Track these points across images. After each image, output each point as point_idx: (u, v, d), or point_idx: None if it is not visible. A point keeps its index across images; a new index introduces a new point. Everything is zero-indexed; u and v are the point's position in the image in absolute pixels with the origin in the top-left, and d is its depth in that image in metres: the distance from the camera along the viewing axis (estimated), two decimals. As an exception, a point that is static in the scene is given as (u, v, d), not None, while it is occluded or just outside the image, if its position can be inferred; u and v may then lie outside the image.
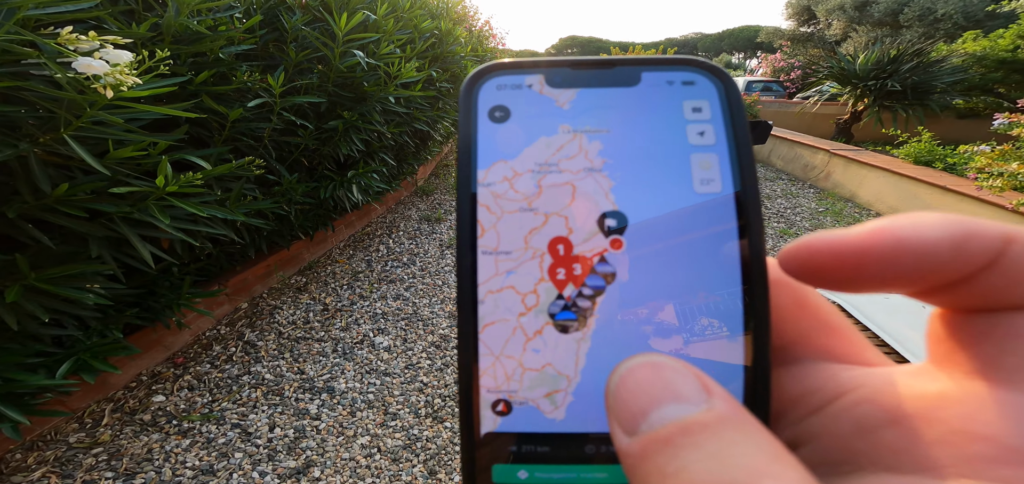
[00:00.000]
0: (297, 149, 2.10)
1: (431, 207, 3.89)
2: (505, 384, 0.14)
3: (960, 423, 0.10)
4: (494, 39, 6.01)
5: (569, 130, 0.15)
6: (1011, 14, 11.94)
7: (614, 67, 0.16)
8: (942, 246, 0.10)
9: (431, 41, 2.78)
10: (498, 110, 0.16)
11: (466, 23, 4.61)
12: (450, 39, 3.12)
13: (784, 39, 16.54)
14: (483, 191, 0.15)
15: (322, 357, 2.09)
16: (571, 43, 38.95)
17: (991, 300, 0.11)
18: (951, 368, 0.11)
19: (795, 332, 0.14)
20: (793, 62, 15.31)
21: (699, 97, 0.15)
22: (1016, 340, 0.10)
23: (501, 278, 0.14)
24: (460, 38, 3.31)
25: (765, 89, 11.45)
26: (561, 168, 0.15)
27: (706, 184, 0.14)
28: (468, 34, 4.41)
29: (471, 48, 3.59)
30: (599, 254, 0.14)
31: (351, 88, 2.18)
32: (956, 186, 3.08)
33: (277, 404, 1.81)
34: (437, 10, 3.25)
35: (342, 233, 3.22)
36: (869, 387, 0.12)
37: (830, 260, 0.12)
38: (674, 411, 0.11)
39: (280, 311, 2.41)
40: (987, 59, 5.62)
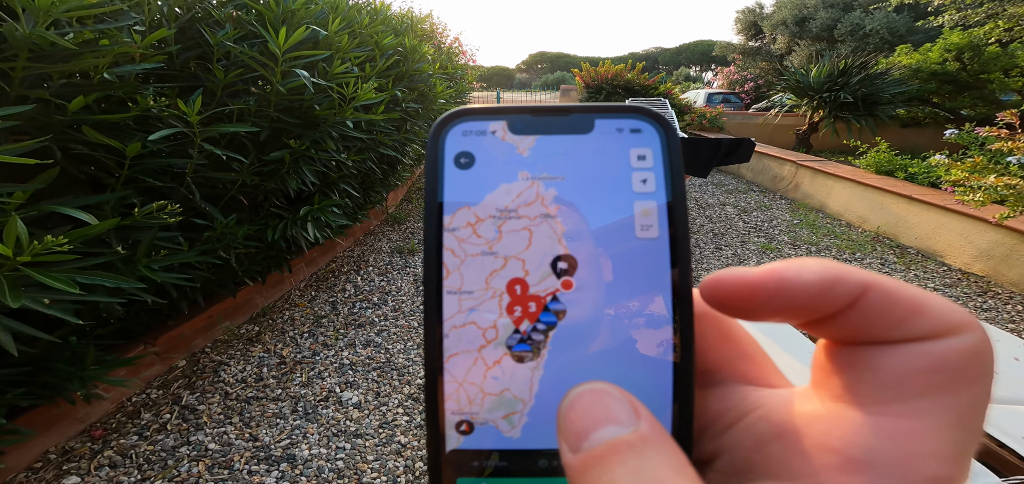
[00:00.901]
0: (233, 186, 1.73)
1: (403, 237, 3.54)
2: (468, 407, 0.15)
3: (821, 438, 0.12)
4: (464, 56, 5.77)
5: (527, 177, 0.16)
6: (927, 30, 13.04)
7: (570, 115, 0.17)
8: (814, 287, 0.12)
9: (394, 59, 2.48)
10: (463, 156, 0.16)
11: (434, 40, 4.34)
12: (416, 56, 2.83)
13: (736, 53, 17.30)
14: (448, 236, 0.16)
15: (279, 419, 1.71)
16: (540, 59, 39.45)
17: (854, 335, 0.12)
18: (823, 391, 0.13)
19: (719, 358, 0.16)
20: (746, 74, 16.02)
21: (644, 145, 0.16)
22: (867, 370, 0.12)
23: (464, 315, 0.15)
24: (427, 55, 3.02)
25: (725, 101, 11.82)
26: (519, 214, 0.16)
27: (645, 230, 0.15)
28: (436, 51, 4.14)
29: (440, 66, 3.31)
30: (552, 293, 0.15)
31: (298, 113, 1.85)
32: (931, 199, 3.07)
33: (225, 480, 1.44)
34: (401, 26, 2.96)
35: (302, 272, 2.83)
36: (766, 407, 0.14)
37: (733, 292, 0.13)
38: (609, 432, 0.12)
39: (226, 367, 2.00)
40: (921, 71, 5.94)
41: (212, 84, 1.49)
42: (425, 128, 3.54)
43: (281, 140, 1.78)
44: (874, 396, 0.12)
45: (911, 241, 3.20)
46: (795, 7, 15.11)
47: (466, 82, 5.49)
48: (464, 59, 5.80)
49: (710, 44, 30.67)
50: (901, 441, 0.11)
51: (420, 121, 3.20)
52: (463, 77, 5.25)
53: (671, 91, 6.20)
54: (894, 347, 0.12)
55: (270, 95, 1.63)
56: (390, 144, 2.67)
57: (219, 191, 1.77)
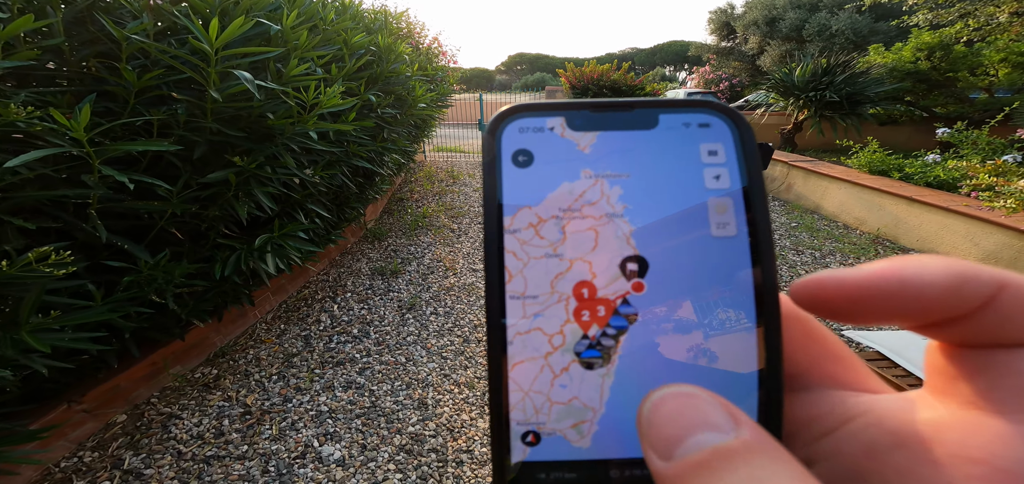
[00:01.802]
0: (161, 217, 1.37)
1: (385, 255, 3.18)
2: (534, 416, 0.14)
3: (959, 448, 0.11)
4: (444, 57, 5.42)
5: (591, 175, 0.15)
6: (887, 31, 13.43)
7: (633, 109, 0.16)
8: (942, 287, 0.11)
9: (366, 59, 2.14)
10: (521, 154, 0.16)
11: (411, 39, 3.99)
12: (392, 56, 2.50)
13: (711, 53, 17.49)
14: (510, 238, 0.15)
15: (247, 482, 1.40)
16: (520, 60, 39.22)
17: (985, 337, 0.11)
18: (948, 398, 0.12)
19: (805, 361, 0.15)
20: (721, 74, 16.19)
21: (715, 140, 0.15)
22: (1007, 375, 0.11)
23: (529, 320, 0.14)
24: (404, 55, 2.68)
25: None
26: (583, 214, 0.15)
27: (722, 228, 0.14)
28: (413, 51, 3.80)
29: (419, 67, 2.98)
30: (622, 297, 0.14)
31: (245, 124, 1.49)
32: (932, 200, 2.95)
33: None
34: (373, 24, 2.61)
35: (268, 302, 2.45)
36: (875, 413, 0.13)
37: (838, 295, 0.12)
38: (708, 438, 0.11)
39: (179, 421, 1.65)
40: (897, 70, 5.98)
41: (120, 90, 1.13)
42: (404, 135, 3.19)
43: (223, 157, 1.43)
44: (1016, 403, 0.10)
45: (912, 243, 3.08)
46: (765, 8, 15.35)
47: (448, 84, 5.15)
48: (444, 60, 5.45)
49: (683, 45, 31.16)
50: None
51: (398, 128, 2.86)
52: (444, 79, 4.91)
53: (657, 91, 6.03)
54: None
55: (205, 103, 1.28)
56: (364, 155, 2.33)
57: (146, 223, 1.41)
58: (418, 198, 4.56)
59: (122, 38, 1.08)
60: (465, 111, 9.17)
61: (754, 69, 16.15)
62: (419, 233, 3.56)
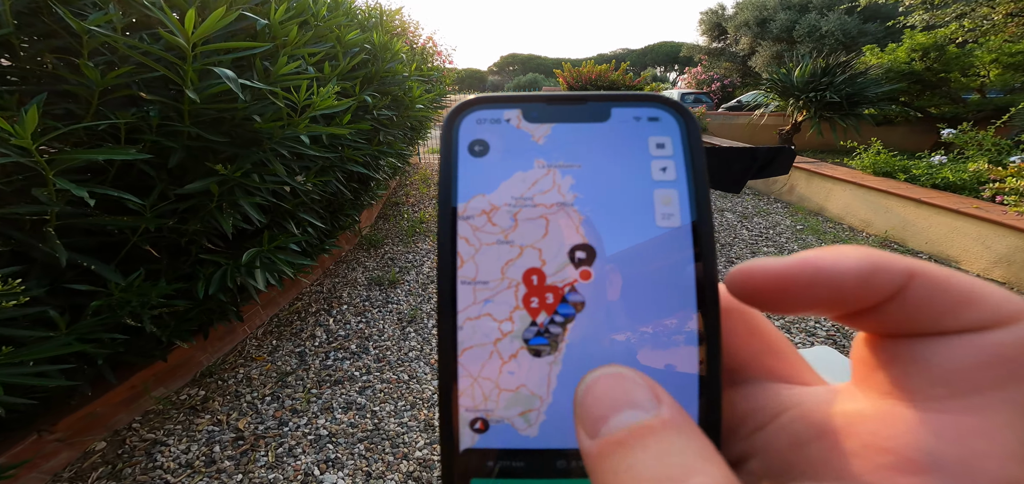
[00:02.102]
0: (134, 233, 1.22)
1: (381, 264, 3.02)
2: (483, 403, 0.14)
3: (871, 438, 0.11)
4: (439, 56, 5.27)
5: (543, 164, 0.15)
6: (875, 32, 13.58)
7: (586, 102, 0.16)
8: (854, 277, 0.11)
9: (361, 57, 2.00)
10: (477, 144, 0.16)
11: (406, 38, 3.84)
12: (388, 55, 2.36)
13: (702, 54, 17.56)
14: (463, 224, 0.15)
15: None
16: (512, 60, 39.12)
17: (898, 327, 0.11)
18: (867, 388, 0.12)
19: (746, 355, 0.15)
20: (712, 74, 16.25)
21: (663, 133, 0.15)
22: (916, 364, 0.11)
23: (479, 306, 0.14)
24: (400, 54, 2.54)
25: (697, 100, 11.85)
26: (535, 202, 0.15)
27: (667, 218, 0.15)
28: (409, 50, 3.65)
29: (416, 66, 2.84)
30: (570, 284, 0.14)
31: (228, 128, 1.35)
32: (941, 201, 2.89)
33: None
34: (368, 21, 2.47)
35: (258, 316, 2.29)
36: (803, 405, 0.13)
37: (765, 285, 0.12)
38: (629, 417, 0.12)
39: (165, 447, 1.51)
40: (892, 71, 5.98)
41: (81, 90, 0.98)
42: (401, 138, 3.05)
43: (204, 165, 1.28)
44: (927, 392, 0.11)
45: (921, 246, 3.02)
46: (756, 9, 15.44)
47: (444, 84, 5.01)
48: (439, 60, 5.31)
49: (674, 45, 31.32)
50: (965, 440, 0.10)
51: (395, 130, 2.71)
52: (440, 79, 4.77)
53: (657, 92, 5.97)
54: (945, 339, 0.11)
55: (183, 104, 1.13)
56: (360, 160, 2.19)
57: (117, 239, 1.25)
58: (414, 202, 4.40)
59: (81, 31, 0.93)
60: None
61: (745, 70, 16.24)
62: (417, 240, 3.41)
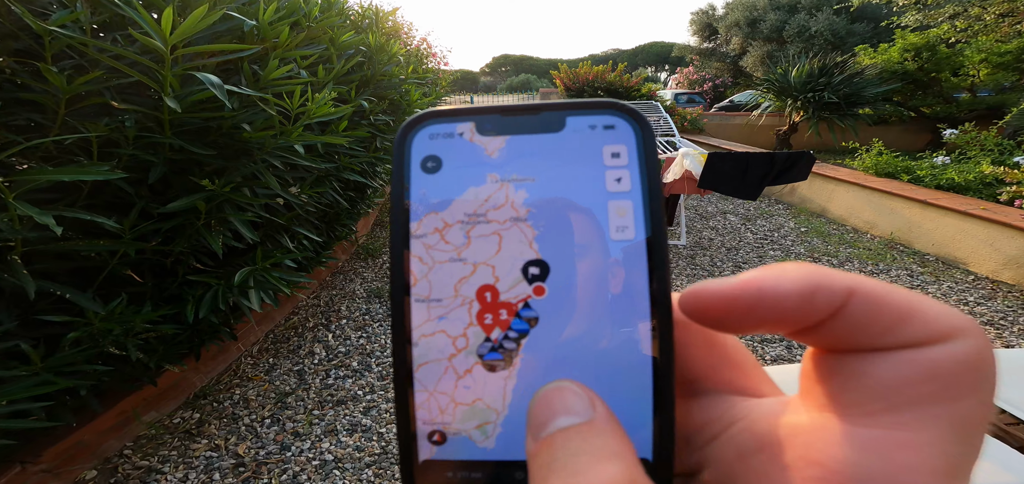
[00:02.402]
0: (112, 257, 1.10)
1: (380, 275, 2.90)
2: (439, 417, 0.14)
3: (803, 450, 0.11)
4: (434, 58, 5.16)
5: (496, 179, 0.15)
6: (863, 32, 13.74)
7: (540, 112, 0.16)
8: (796, 297, 0.11)
9: (356, 60, 1.89)
10: (430, 160, 0.16)
11: (401, 40, 3.72)
12: (384, 57, 2.24)
13: (694, 54, 17.63)
14: (416, 243, 0.15)
15: None
16: (504, 61, 39.03)
17: (840, 343, 0.12)
18: (810, 402, 0.12)
19: (704, 367, 0.15)
20: (704, 75, 16.32)
21: (618, 142, 0.15)
22: (853, 379, 0.11)
23: (434, 323, 0.15)
24: (398, 56, 2.43)
25: (690, 100, 11.86)
26: (488, 218, 0.15)
27: (621, 231, 0.14)
28: (405, 51, 3.54)
29: (412, 69, 2.73)
30: (523, 300, 0.14)
31: (214, 138, 1.23)
32: (948, 203, 2.85)
33: None
34: (363, 21, 2.35)
35: (253, 332, 2.17)
36: (751, 417, 0.13)
37: (710, 305, 0.12)
38: (564, 421, 0.12)
39: (160, 475, 1.41)
40: (886, 71, 6.00)
41: (46, 99, 0.86)
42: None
43: (189, 180, 1.16)
44: (861, 406, 0.11)
45: (927, 247, 2.99)
46: (746, 9, 15.54)
47: (440, 87, 4.90)
48: (434, 62, 5.19)
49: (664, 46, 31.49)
50: (890, 454, 0.10)
51: (392, 136, 2.60)
52: (436, 82, 4.65)
53: (654, 92, 5.90)
54: (883, 355, 0.11)
55: (162, 114, 1.02)
56: (358, 168, 2.08)
57: (96, 263, 1.13)
58: (411, 207, 4.29)
59: (42, 32, 0.81)
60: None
61: (736, 70, 16.34)
62: (415, 247, 3.31)
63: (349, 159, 1.96)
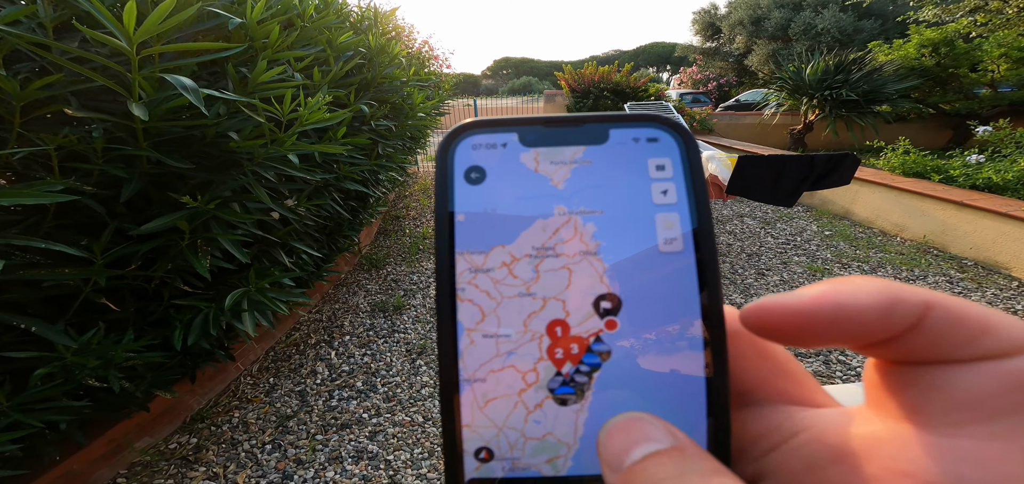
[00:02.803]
0: (85, 285, 0.97)
1: (384, 287, 2.76)
2: (509, 452, 0.14)
3: (890, 461, 0.11)
4: (437, 61, 5.04)
5: (545, 196, 0.15)
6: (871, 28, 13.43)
7: (583, 124, 0.16)
8: (875, 311, 0.11)
9: (355, 61, 1.76)
10: (474, 171, 0.15)
11: (403, 43, 3.61)
12: (385, 59, 2.12)
13: (697, 54, 17.44)
14: (483, 277, 0.15)
15: None
16: (505, 64, 39.03)
17: (915, 355, 0.12)
18: (883, 412, 0.12)
19: (757, 377, 0.15)
20: (708, 74, 16.12)
21: (662, 154, 0.15)
22: (934, 390, 0.11)
23: (503, 358, 0.14)
24: (400, 57, 2.31)
25: (695, 101, 11.67)
26: (557, 252, 0.15)
27: (669, 244, 0.14)
28: (407, 53, 3.42)
29: (414, 71, 2.60)
30: (595, 334, 0.14)
31: (197, 149, 1.10)
32: (986, 204, 2.66)
33: None
34: (362, 22, 2.23)
35: (252, 350, 2.05)
36: (817, 428, 0.13)
37: (782, 322, 0.12)
38: (647, 448, 0.12)
39: None
40: (903, 68, 5.80)
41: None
42: (401, 149, 2.81)
43: (168, 196, 1.04)
44: (947, 417, 0.11)
45: (964, 251, 2.80)
46: (750, 8, 15.34)
47: (444, 91, 4.78)
48: (436, 65, 5.08)
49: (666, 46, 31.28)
50: (988, 465, 0.10)
51: (395, 141, 2.48)
52: (439, 85, 4.54)
53: (663, 93, 5.75)
54: (964, 366, 0.11)
55: (133, 123, 0.89)
56: (358, 177, 1.95)
57: (69, 290, 1.01)
58: (415, 215, 4.15)
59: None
60: (459, 118, 8.84)
61: (741, 68, 16.13)
62: (421, 258, 3.16)
63: (349, 168, 1.83)
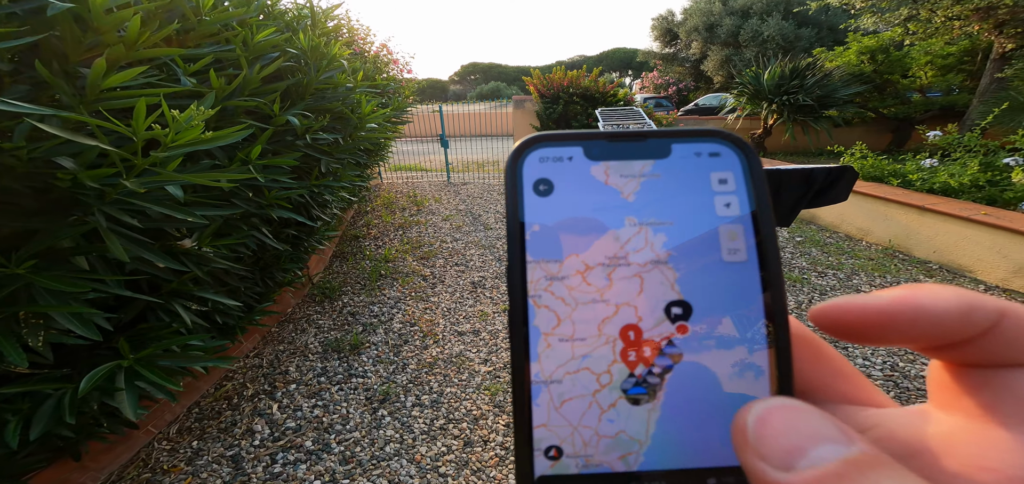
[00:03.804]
0: None
1: (340, 322, 2.37)
2: (583, 449, 0.15)
3: (972, 457, 0.11)
4: (396, 65, 4.66)
5: (614, 208, 0.16)
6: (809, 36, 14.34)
7: (645, 140, 0.16)
8: (954, 315, 0.12)
9: (280, 64, 1.41)
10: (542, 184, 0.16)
11: (354, 45, 3.23)
12: (323, 62, 1.77)
13: (657, 59, 17.92)
14: (558, 285, 0.15)
15: None
16: (472, 69, 38.62)
17: (988, 358, 0.12)
18: (955, 411, 0.13)
19: (816, 380, 0.15)
20: (668, 79, 16.58)
21: (725, 168, 0.16)
22: (1009, 392, 0.12)
23: (578, 361, 0.15)
24: (341, 59, 1.96)
25: (658, 105, 11.88)
26: (629, 261, 0.15)
27: (733, 254, 0.15)
28: (356, 57, 3.05)
29: (362, 76, 2.26)
30: (667, 339, 0.15)
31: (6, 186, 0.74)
32: (948, 208, 2.67)
33: None
34: (298, 22, 1.87)
35: (169, 409, 1.66)
36: (886, 426, 0.13)
37: (859, 321, 0.13)
38: (831, 451, 0.11)
39: None
40: (847, 74, 6.07)
41: None
42: (351, 164, 2.45)
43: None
44: (1021, 417, 0.11)
45: (929, 255, 2.82)
46: (704, 14, 15.91)
47: (404, 97, 4.40)
48: (396, 69, 4.70)
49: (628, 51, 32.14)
50: None
51: (343, 156, 2.12)
52: (398, 92, 4.17)
53: (631, 97, 5.67)
54: None
55: None
56: (289, 205, 1.59)
57: None
58: (377, 234, 3.75)
59: None
60: (424, 124, 8.41)
61: (697, 73, 16.72)
62: (383, 285, 2.79)
63: (276, 193, 1.47)
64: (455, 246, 3.39)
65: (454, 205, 4.57)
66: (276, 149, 1.54)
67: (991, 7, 4.50)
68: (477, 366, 1.99)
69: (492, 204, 4.57)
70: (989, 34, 4.99)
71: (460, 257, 3.18)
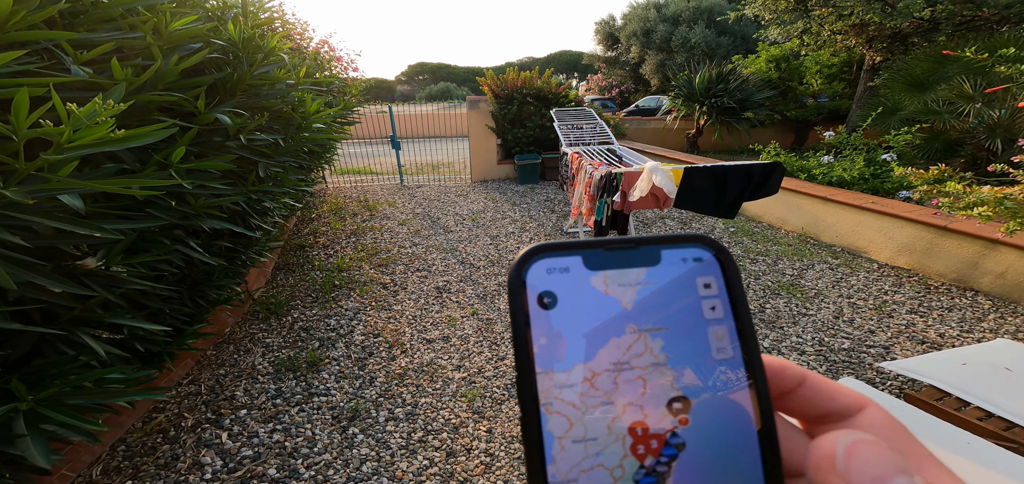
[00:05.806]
0: None
1: (291, 338, 2.16)
2: None
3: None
4: (339, 63, 4.36)
5: (615, 319, 0.17)
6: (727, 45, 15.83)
7: (639, 247, 0.18)
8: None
9: (203, 55, 1.23)
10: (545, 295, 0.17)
11: (291, 41, 2.96)
12: (258, 56, 1.59)
13: (601, 62, 18.68)
14: (568, 391, 0.16)
15: None
16: (421, 70, 37.48)
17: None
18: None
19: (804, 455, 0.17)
20: (611, 82, 17.34)
21: (707, 274, 0.18)
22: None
23: (592, 459, 0.16)
24: (281, 53, 1.77)
25: (603, 106, 12.38)
26: (632, 365, 0.17)
27: (721, 352, 0.17)
28: (295, 53, 2.81)
29: (305, 73, 2.07)
30: (671, 430, 0.16)
31: None
32: (844, 199, 3.08)
33: None
34: (226, 11, 1.65)
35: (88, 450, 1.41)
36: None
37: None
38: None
39: None
40: (759, 80, 6.77)
41: None
42: (294, 168, 2.24)
43: None
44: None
45: (833, 239, 3.22)
46: (641, 20, 16.85)
47: (351, 96, 4.13)
48: (340, 67, 4.39)
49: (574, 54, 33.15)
50: None
51: (284, 158, 1.92)
52: (342, 90, 3.90)
53: (582, 98, 5.82)
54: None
55: None
56: (223, 213, 1.41)
57: None
58: (326, 242, 3.47)
59: None
60: (372, 126, 7.99)
61: (636, 76, 17.68)
62: (338, 296, 2.59)
63: (202, 202, 1.29)
64: (415, 251, 3.25)
65: (410, 209, 4.39)
66: (203, 151, 1.35)
67: (863, 24, 5.25)
68: (450, 373, 1.92)
69: (450, 206, 4.45)
70: (862, 48, 5.83)
71: (421, 262, 3.05)
